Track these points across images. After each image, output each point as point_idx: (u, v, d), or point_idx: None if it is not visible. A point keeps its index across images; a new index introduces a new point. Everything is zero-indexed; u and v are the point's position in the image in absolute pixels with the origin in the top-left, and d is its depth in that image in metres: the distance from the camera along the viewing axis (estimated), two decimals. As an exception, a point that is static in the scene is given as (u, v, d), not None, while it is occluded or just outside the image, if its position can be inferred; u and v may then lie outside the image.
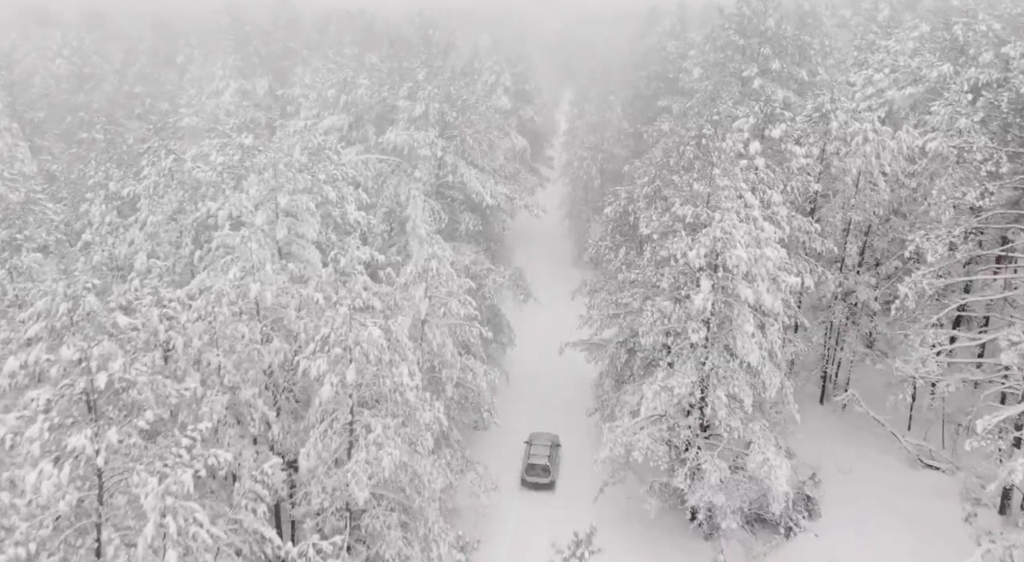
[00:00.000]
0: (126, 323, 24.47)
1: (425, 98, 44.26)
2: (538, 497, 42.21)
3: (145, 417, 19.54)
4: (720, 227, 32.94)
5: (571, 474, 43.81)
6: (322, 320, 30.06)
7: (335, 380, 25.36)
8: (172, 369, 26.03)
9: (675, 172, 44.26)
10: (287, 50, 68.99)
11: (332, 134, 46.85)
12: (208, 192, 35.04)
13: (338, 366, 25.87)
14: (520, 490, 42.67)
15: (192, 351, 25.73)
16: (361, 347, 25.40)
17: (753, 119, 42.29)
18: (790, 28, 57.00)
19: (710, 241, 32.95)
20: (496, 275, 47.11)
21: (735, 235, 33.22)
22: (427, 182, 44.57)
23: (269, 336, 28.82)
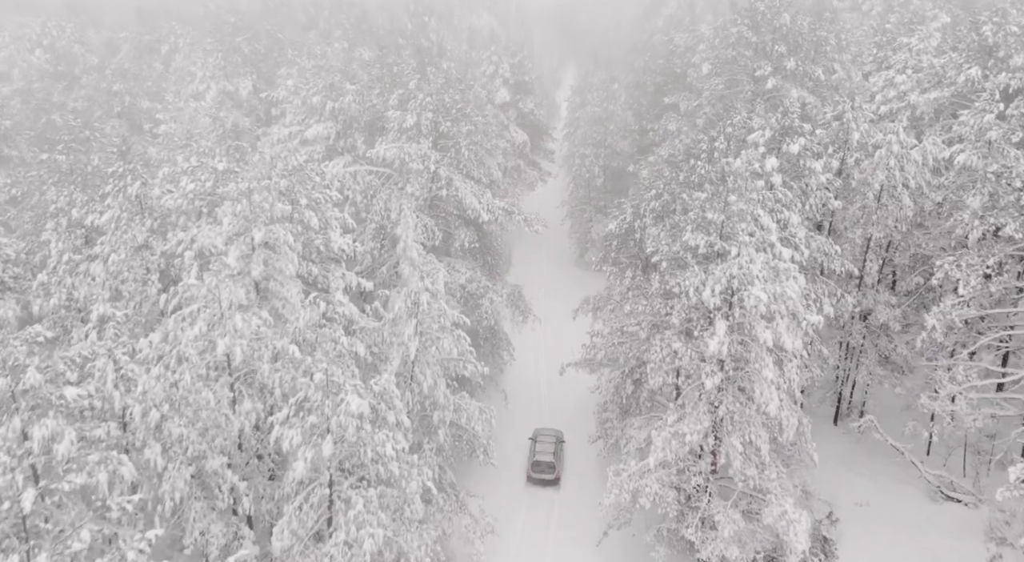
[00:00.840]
0: (75, 395, 21.83)
1: (417, 108, 41.19)
2: (543, 492, 43.18)
3: (80, 537, 16.83)
4: (737, 263, 30.09)
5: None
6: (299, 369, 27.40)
7: (309, 455, 22.67)
8: (130, 439, 23.34)
9: (685, 188, 41.42)
10: (274, 42, 65.59)
11: (318, 144, 43.87)
12: (179, 221, 32.17)
13: (314, 438, 23.17)
14: (526, 486, 43.55)
15: (152, 419, 23.01)
16: (339, 418, 22.66)
17: (769, 132, 39.25)
18: (806, 23, 53.68)
19: (726, 278, 30.12)
20: (493, 293, 44.36)
21: (753, 270, 30.38)
22: (419, 196, 41.63)
23: (240, 394, 26.10)
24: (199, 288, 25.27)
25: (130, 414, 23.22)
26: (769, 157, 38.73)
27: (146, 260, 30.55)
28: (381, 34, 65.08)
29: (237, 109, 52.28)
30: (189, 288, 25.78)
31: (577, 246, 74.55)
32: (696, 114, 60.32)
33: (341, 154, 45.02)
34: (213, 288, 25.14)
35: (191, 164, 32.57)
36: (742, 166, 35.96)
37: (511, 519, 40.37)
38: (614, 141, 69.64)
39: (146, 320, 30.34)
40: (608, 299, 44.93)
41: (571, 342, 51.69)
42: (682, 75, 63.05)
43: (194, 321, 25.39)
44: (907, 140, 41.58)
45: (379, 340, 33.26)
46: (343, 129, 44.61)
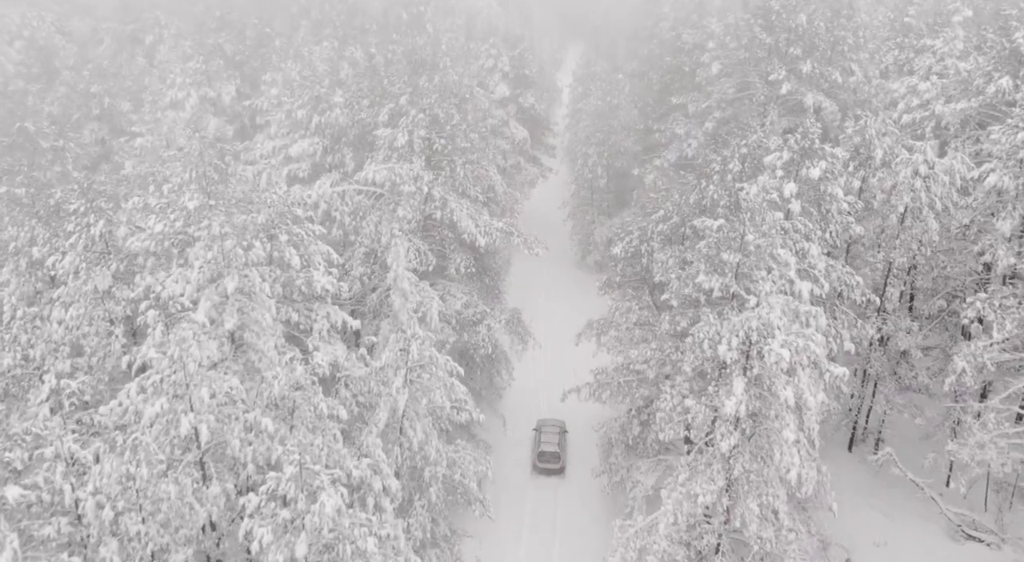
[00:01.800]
0: (17, 495, 19.44)
1: (409, 125, 38.35)
2: (549, 481, 44.85)
3: None
4: (756, 315, 27.46)
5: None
6: (275, 439, 24.95)
7: (280, 559, 20.24)
8: (84, 534, 20.90)
9: (696, 212, 38.74)
10: (263, 37, 62.43)
11: (303, 161, 41.05)
12: (147, 262, 29.52)
13: (286, 536, 20.72)
14: (532, 475, 45.18)
15: (107, 515, 20.55)
16: (314, 518, 20.20)
17: (787, 154, 36.42)
18: (823, 24, 50.60)
19: (744, 331, 27.51)
20: (491, 319, 41.80)
21: (772, 319, 27.76)
22: (412, 219, 38.91)
23: (208, 472, 23.63)
24: (161, 361, 22.70)
25: (83, 507, 20.73)
26: (787, 183, 36.11)
27: (110, 311, 27.92)
28: (375, 29, 61.84)
29: (220, 116, 49.30)
30: (151, 358, 23.21)
31: (579, 248, 71.84)
32: (705, 116, 57.47)
33: (328, 171, 42.25)
34: (176, 358, 22.55)
35: (161, 200, 29.81)
36: (758, 195, 33.34)
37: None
38: (618, 140, 66.59)
39: (110, 377, 27.80)
40: (611, 323, 42.24)
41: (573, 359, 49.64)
42: (690, 74, 59.96)
43: (157, 394, 22.84)
44: (934, 159, 38.76)
45: (366, 390, 30.77)
46: (330, 144, 41.80)
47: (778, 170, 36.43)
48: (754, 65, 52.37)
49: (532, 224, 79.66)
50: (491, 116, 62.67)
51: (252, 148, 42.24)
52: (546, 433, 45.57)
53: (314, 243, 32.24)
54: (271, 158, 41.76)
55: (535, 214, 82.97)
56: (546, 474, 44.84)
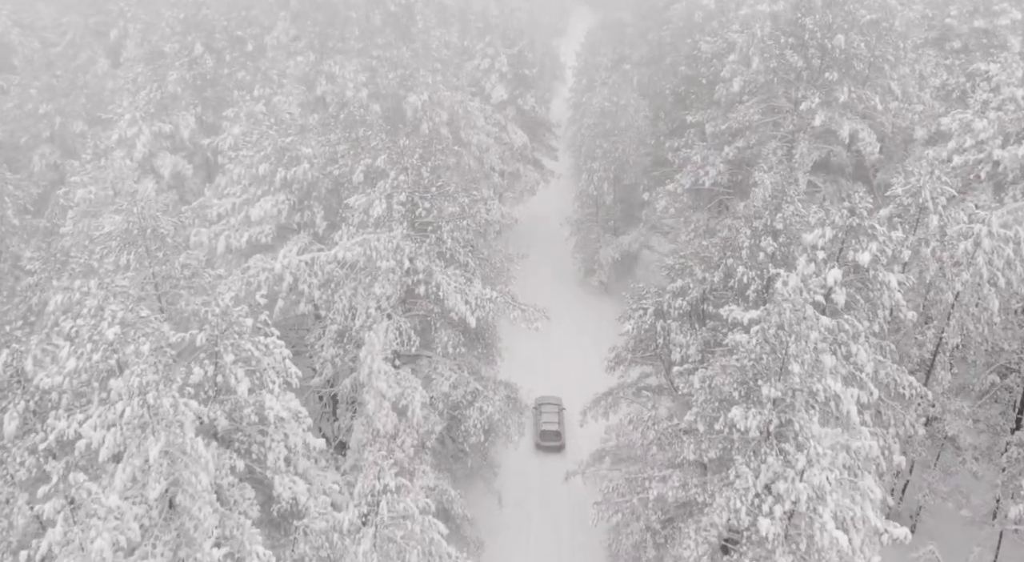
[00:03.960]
0: None
1: (387, 189, 32.71)
2: (551, 458, 46.35)
3: None
4: (806, 484, 22.30)
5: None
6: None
7: None
8: None
9: (723, 293, 33.36)
10: (233, 42, 56.06)
11: (266, 223, 35.48)
12: (61, 401, 24.28)
13: None
14: (535, 452, 46.50)
15: None
16: None
17: (830, 231, 30.83)
18: (864, 44, 44.45)
19: (790, 503, 22.38)
20: (484, 400, 36.67)
21: (823, 483, 22.64)
22: (392, 295, 33.51)
23: None
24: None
25: None
26: (831, 268, 30.62)
27: (12, 473, 22.76)
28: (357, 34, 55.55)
29: (178, 151, 43.42)
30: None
31: (583, 265, 66.21)
32: (724, 139, 51.55)
33: (297, 231, 36.68)
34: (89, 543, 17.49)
35: (77, 322, 24.45)
36: (796, 292, 27.96)
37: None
38: (626, 152, 60.54)
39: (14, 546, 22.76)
40: (623, 438, 36.66)
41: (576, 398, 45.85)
42: (708, 87, 53.79)
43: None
44: (1000, 231, 33.22)
45: (328, 544, 25.75)
46: (299, 201, 36.16)
47: (819, 250, 30.89)
48: (782, 88, 46.38)
49: (532, 233, 74.18)
50: (487, 132, 56.69)
51: (208, 205, 36.50)
52: (546, 413, 47.65)
53: (269, 355, 26.96)
54: (231, 217, 36.12)
55: (535, 220, 77.24)
56: (547, 452, 46.65)
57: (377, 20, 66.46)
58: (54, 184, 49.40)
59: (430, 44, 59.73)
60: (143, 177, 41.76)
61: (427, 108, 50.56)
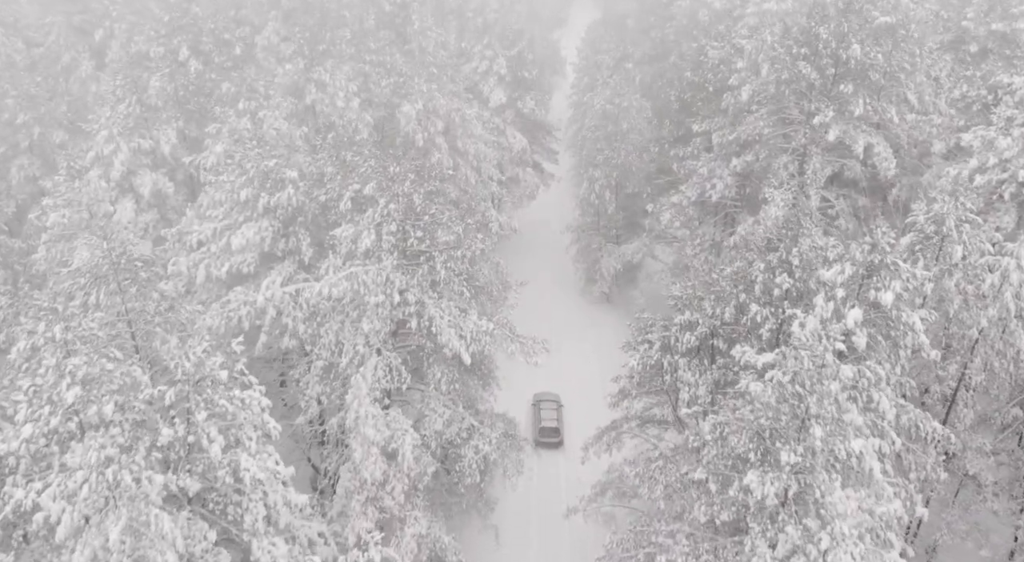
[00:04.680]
0: None
1: (377, 218, 30.63)
2: (550, 453, 47.34)
3: None
4: None
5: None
6: None
7: None
8: None
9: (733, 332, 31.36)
10: (220, 45, 53.83)
11: (249, 252, 33.40)
12: (19, 466, 22.33)
13: None
14: (534, 449, 46.35)
15: None
16: None
17: (850, 267, 28.75)
18: (882, 56, 42.20)
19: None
20: (480, 438, 34.74)
21: (847, 561, 20.73)
22: (381, 330, 31.50)
23: None
24: None
25: None
26: (851, 307, 28.57)
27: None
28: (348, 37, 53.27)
29: (159, 168, 41.20)
30: None
31: (584, 275, 64.10)
32: (731, 150, 49.36)
33: (281, 259, 34.59)
34: None
35: (34, 381, 22.44)
36: (814, 336, 25.99)
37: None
38: (628, 159, 58.32)
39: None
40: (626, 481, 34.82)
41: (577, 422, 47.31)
42: (715, 94, 51.56)
43: None
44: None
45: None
46: (283, 227, 34.08)
47: (838, 288, 28.84)
48: (794, 99, 44.14)
49: (532, 240, 72.03)
50: (485, 140, 54.48)
51: (189, 230, 34.40)
52: (545, 409, 48.42)
53: (246, 409, 24.95)
54: (211, 243, 34.04)
55: (535, 225, 75.04)
56: (546, 448, 47.25)
57: (371, 21, 64.16)
58: (34, 197, 47.36)
59: (426, 46, 57.43)
60: (121, 197, 39.64)
61: (422, 117, 48.35)
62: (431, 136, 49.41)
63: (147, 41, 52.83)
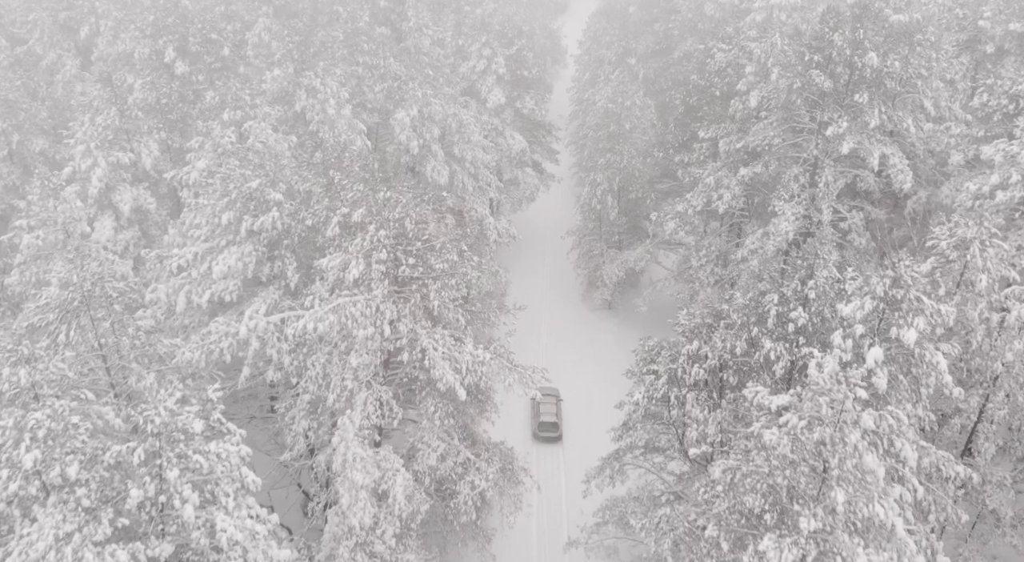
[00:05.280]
0: None
1: (366, 247, 28.80)
2: (550, 448, 47.66)
3: None
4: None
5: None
6: None
7: None
8: None
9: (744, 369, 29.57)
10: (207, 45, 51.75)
11: (232, 279, 31.58)
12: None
13: None
14: (534, 443, 47.55)
15: None
16: None
17: (870, 302, 26.93)
18: (899, 63, 40.20)
19: None
20: (476, 473, 33.06)
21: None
22: (371, 363, 29.76)
23: None
24: None
25: None
26: (871, 345, 26.79)
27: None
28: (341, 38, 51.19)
29: (140, 182, 39.22)
30: None
31: (586, 280, 62.26)
32: (739, 157, 47.48)
33: (266, 284, 32.77)
34: None
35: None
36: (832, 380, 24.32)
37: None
38: (631, 164, 56.34)
39: None
40: None
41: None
42: (722, 99, 49.54)
43: None
44: (1059, 294, 29.38)
45: None
46: (268, 249, 32.24)
47: (857, 324, 27.04)
48: (806, 108, 42.16)
49: (532, 243, 70.11)
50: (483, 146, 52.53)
51: (166, 258, 32.54)
52: (544, 404, 48.38)
53: (223, 462, 23.23)
54: (192, 268, 32.20)
55: (535, 227, 73.11)
56: (546, 442, 47.59)
57: (366, 17, 62.01)
58: (14, 208, 45.44)
59: (422, 44, 55.24)
60: (100, 214, 37.76)
61: (417, 124, 46.38)
62: (427, 143, 47.48)
63: (132, 40, 50.81)
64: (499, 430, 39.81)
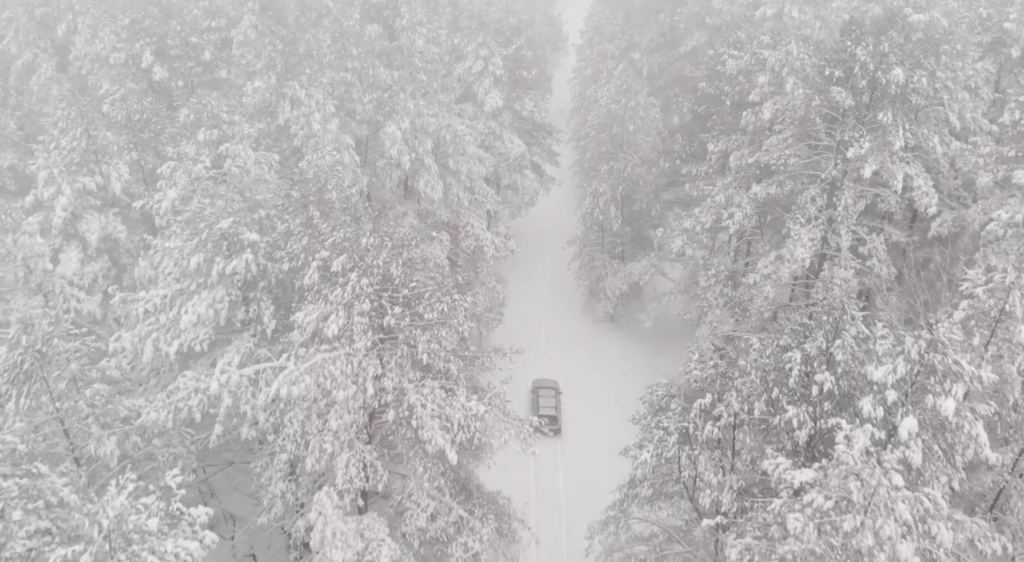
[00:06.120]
0: None
1: (348, 297, 26.17)
2: (548, 441, 45.96)
3: None
4: None
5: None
6: None
7: None
8: None
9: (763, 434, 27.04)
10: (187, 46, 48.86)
11: (203, 327, 28.97)
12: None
13: None
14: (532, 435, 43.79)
15: None
16: None
17: (903, 365, 24.32)
18: (926, 79, 37.30)
19: None
20: (470, 535, 30.64)
21: None
22: (353, 423, 27.27)
23: None
24: None
25: None
26: (905, 415, 24.22)
27: None
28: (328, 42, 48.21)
29: (109, 208, 36.43)
30: None
31: (587, 292, 59.63)
32: (750, 171, 44.73)
33: (240, 330, 30.16)
34: None
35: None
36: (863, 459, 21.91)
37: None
38: (635, 173, 53.50)
39: None
40: None
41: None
42: (733, 109, 46.62)
43: None
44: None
45: None
46: (243, 292, 29.61)
47: (888, 390, 24.46)
48: (824, 125, 39.31)
49: (531, 250, 67.29)
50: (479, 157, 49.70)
51: (131, 302, 29.86)
52: (544, 397, 48.50)
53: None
54: (160, 313, 29.57)
55: (535, 234, 70.34)
56: (544, 435, 45.33)
57: (356, 14, 58.87)
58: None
59: (415, 43, 52.10)
60: (66, 245, 35.04)
61: (408, 137, 43.55)
62: (419, 156, 44.67)
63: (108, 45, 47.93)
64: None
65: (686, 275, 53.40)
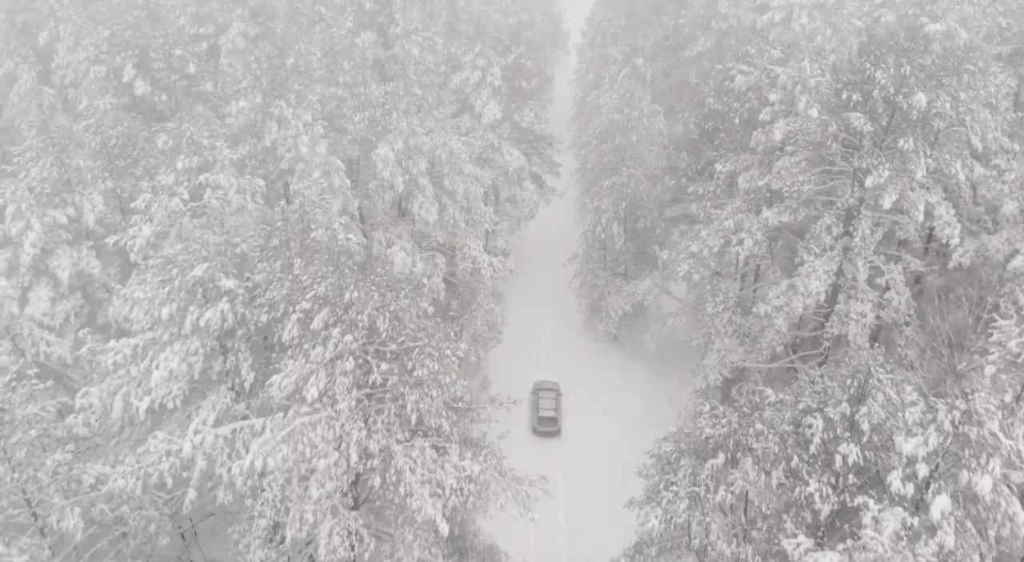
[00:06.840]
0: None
1: (330, 355, 24.12)
2: (548, 442, 47.95)
3: None
4: None
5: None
6: None
7: None
8: None
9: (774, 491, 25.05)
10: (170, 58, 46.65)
11: (176, 382, 26.90)
12: None
13: None
14: (532, 437, 47.96)
15: None
16: None
17: (935, 437, 22.26)
18: (949, 103, 35.08)
19: None
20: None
21: None
22: (336, 490, 25.27)
23: None
24: None
25: None
26: (937, 494, 22.20)
27: None
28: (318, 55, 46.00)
29: (82, 242, 34.30)
30: None
31: (588, 309, 57.54)
32: (760, 193, 42.58)
33: (216, 383, 28.11)
34: None
35: None
36: (892, 544, 19.93)
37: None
38: (638, 190, 51.34)
39: None
40: None
41: None
42: (742, 127, 44.37)
43: None
44: None
45: None
46: (220, 342, 27.54)
47: (920, 463, 22.42)
48: (840, 151, 37.10)
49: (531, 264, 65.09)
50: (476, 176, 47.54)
51: (101, 353, 27.79)
52: (544, 398, 48.68)
53: None
54: (131, 365, 27.50)
55: (534, 246, 68.14)
56: (545, 436, 47.84)
57: (348, 22, 56.68)
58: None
59: (411, 52, 49.85)
60: (36, 281, 32.88)
61: (402, 158, 41.40)
62: (413, 177, 42.50)
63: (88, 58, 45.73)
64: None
65: (692, 298, 51.39)
